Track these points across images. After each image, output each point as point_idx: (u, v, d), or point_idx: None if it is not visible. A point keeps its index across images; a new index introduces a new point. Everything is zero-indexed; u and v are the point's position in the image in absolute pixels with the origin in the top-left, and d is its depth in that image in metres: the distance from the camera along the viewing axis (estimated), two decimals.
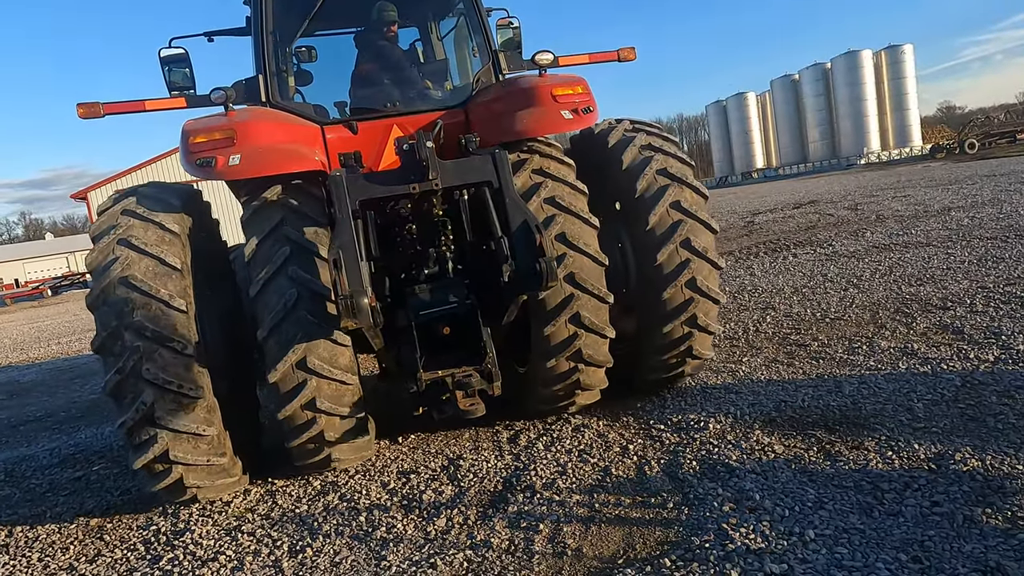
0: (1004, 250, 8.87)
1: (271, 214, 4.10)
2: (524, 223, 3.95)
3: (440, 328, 4.30)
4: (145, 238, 3.93)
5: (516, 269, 3.89)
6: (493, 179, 4.10)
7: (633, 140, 4.82)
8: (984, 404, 4.23)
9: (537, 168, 4.51)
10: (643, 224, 4.58)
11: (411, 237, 4.73)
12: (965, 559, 2.76)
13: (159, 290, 3.82)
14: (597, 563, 3.16)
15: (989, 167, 25.38)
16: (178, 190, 4.41)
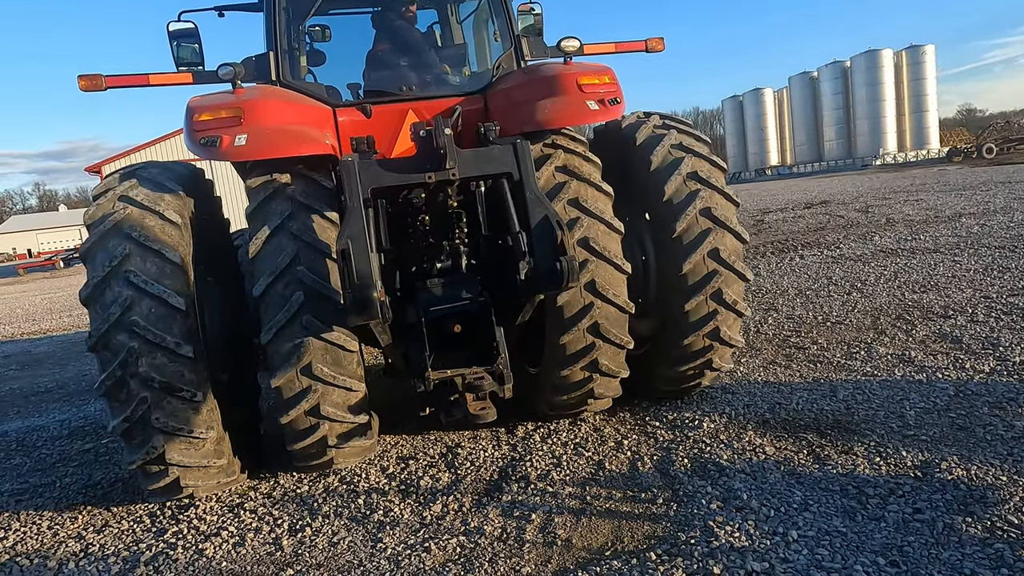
0: (1011, 260, 8.87)
1: (277, 207, 3.90)
2: (545, 218, 3.77)
3: (451, 326, 4.11)
4: (143, 229, 3.72)
5: (534, 267, 3.72)
6: (514, 171, 3.91)
7: (663, 139, 4.57)
8: (975, 414, 4.30)
9: (561, 166, 4.30)
10: (669, 230, 4.38)
11: (424, 229, 4.52)
12: (941, 565, 2.84)
13: (157, 286, 3.63)
14: (585, 554, 3.26)
15: (1006, 173, 25.16)
16: (179, 172, 4.19)
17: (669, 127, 4.72)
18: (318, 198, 4.00)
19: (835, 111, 61.89)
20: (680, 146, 4.56)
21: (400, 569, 3.28)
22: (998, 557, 2.85)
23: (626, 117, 4.87)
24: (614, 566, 3.09)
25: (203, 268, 4.24)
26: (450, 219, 4.39)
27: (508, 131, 4.33)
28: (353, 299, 3.33)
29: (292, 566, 3.43)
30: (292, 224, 3.85)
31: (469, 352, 4.13)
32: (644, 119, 4.82)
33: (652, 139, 4.60)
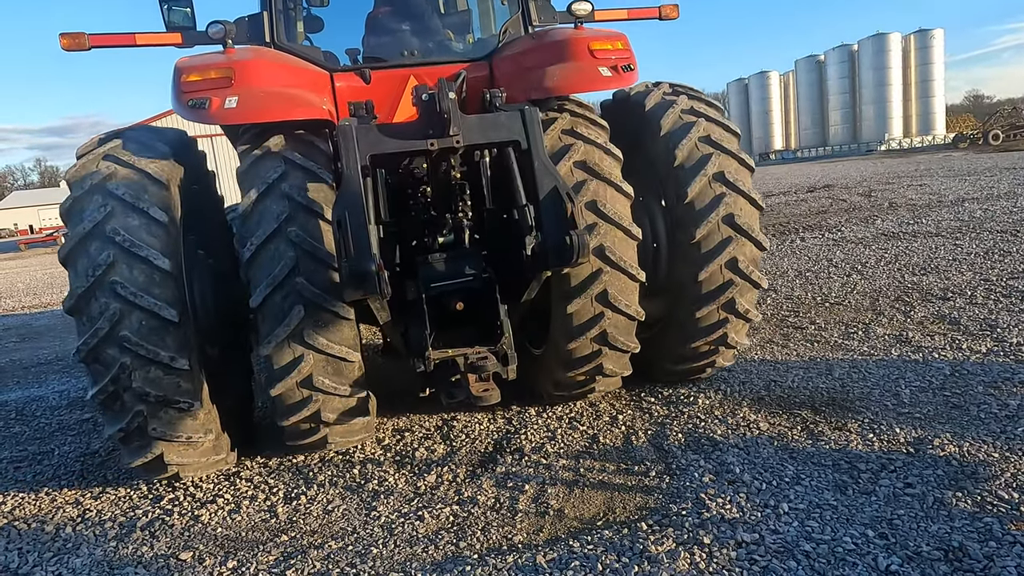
0: (1012, 244, 8.83)
1: (270, 167, 3.69)
2: (554, 190, 3.56)
3: (453, 303, 3.90)
4: (129, 187, 3.51)
5: (542, 242, 3.54)
6: (521, 139, 3.68)
7: (674, 103, 4.37)
8: (970, 393, 4.30)
9: (567, 128, 4.09)
10: (681, 196, 4.17)
11: (425, 200, 4.31)
12: (930, 538, 2.86)
13: (142, 246, 3.41)
14: (577, 523, 3.28)
15: (1011, 160, 24.99)
16: (169, 136, 4.00)
17: (679, 93, 4.51)
18: (313, 160, 3.78)
19: (841, 95, 61.38)
20: (692, 111, 4.35)
21: (393, 536, 3.30)
22: (987, 530, 2.86)
23: (634, 87, 4.64)
24: (605, 536, 3.11)
25: (194, 239, 4.11)
26: (453, 190, 4.16)
27: (515, 98, 4.14)
28: (349, 272, 3.14)
29: (286, 532, 3.46)
30: (285, 183, 3.65)
31: (471, 331, 3.98)
32: (652, 87, 4.59)
33: (662, 104, 4.40)
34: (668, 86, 4.64)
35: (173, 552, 3.36)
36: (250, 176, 3.71)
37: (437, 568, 2.99)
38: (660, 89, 4.58)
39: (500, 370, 3.78)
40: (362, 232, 3.25)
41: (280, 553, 3.25)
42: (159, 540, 3.49)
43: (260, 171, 3.70)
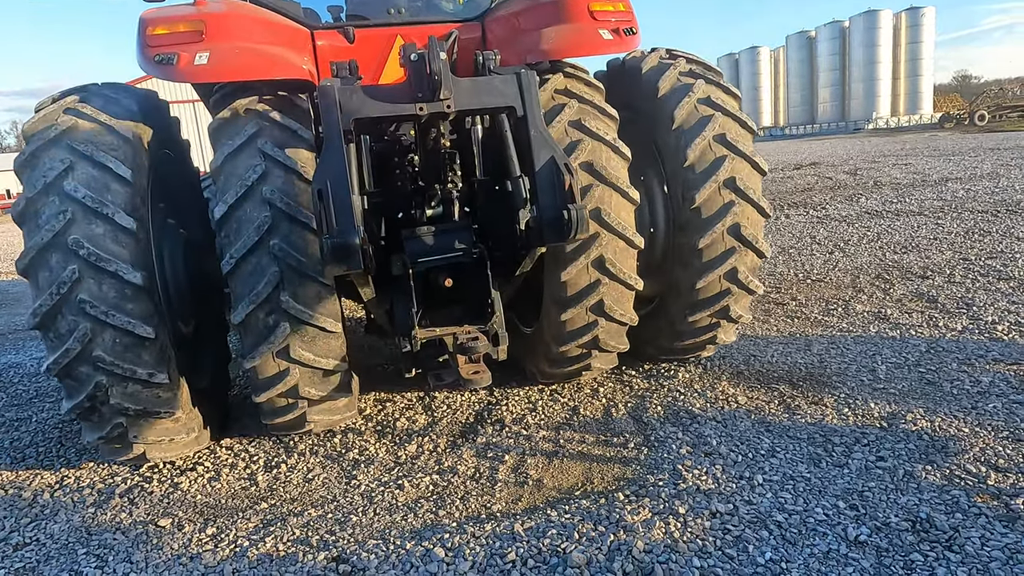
0: (992, 224, 8.93)
1: (245, 124, 3.46)
2: (551, 161, 3.33)
3: (441, 279, 3.74)
4: (89, 141, 3.25)
5: (537, 216, 3.32)
6: (517, 105, 3.43)
7: (671, 66, 4.19)
8: (944, 370, 4.38)
9: (561, 88, 3.90)
10: (680, 159, 3.97)
11: (412, 170, 4.10)
12: (899, 509, 2.93)
13: (103, 203, 3.15)
14: (555, 493, 3.32)
15: (995, 140, 25.16)
16: (137, 93, 3.75)
17: (676, 56, 4.31)
18: (292, 123, 3.53)
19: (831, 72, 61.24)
20: (690, 72, 4.15)
21: (373, 504, 3.33)
22: (954, 503, 2.93)
23: (647, 57, 4.41)
24: (583, 505, 3.16)
25: (164, 208, 3.92)
26: (442, 159, 3.93)
27: (509, 61, 3.90)
28: (332, 246, 2.89)
29: (266, 500, 3.47)
30: (260, 140, 3.42)
31: (460, 309, 3.82)
32: (647, 53, 4.39)
33: (659, 67, 4.21)
34: (664, 51, 4.44)
35: (152, 518, 3.36)
36: (223, 133, 3.48)
37: (416, 536, 3.02)
38: (656, 54, 4.36)
39: (490, 351, 3.59)
40: (345, 203, 3.00)
41: (260, 520, 3.27)
42: (138, 507, 3.49)
43: (234, 128, 3.47)
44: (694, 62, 4.29)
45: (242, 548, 3.03)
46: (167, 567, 2.95)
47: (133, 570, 2.96)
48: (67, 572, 2.99)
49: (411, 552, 2.90)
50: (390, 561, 2.85)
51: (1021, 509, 2.85)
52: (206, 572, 2.89)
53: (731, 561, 2.69)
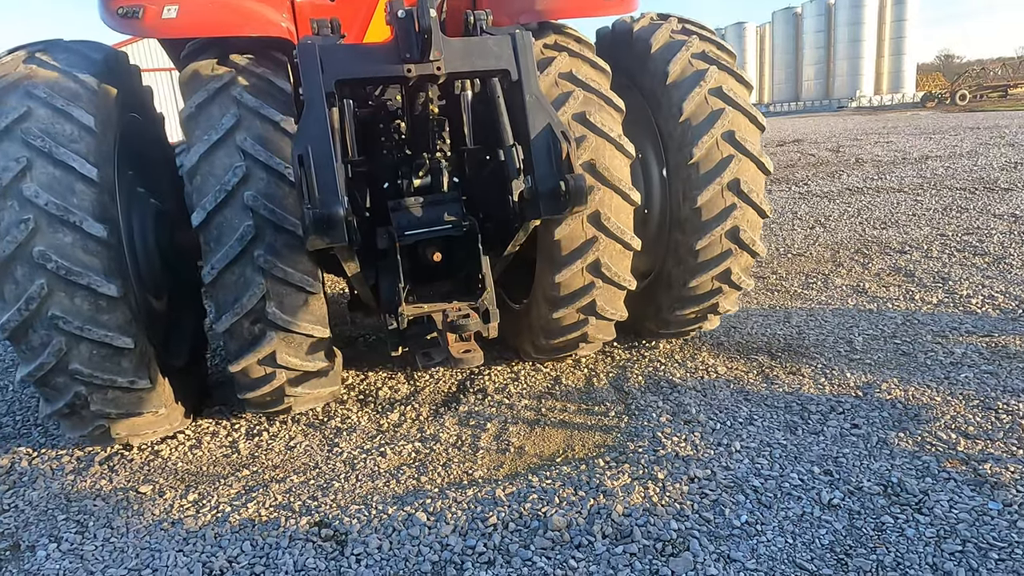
0: (970, 200, 9.05)
1: (218, 75, 3.24)
2: (548, 128, 3.17)
3: (429, 253, 3.55)
4: (50, 89, 3.04)
5: (532, 187, 3.16)
6: (511, 68, 3.24)
7: (683, 46, 3.91)
8: (919, 341, 4.46)
9: (565, 71, 3.65)
10: (684, 155, 3.79)
11: (399, 137, 3.88)
12: (871, 474, 3.00)
13: (62, 151, 2.93)
14: (537, 460, 3.36)
15: (975, 119, 25.38)
16: (105, 49, 3.52)
17: (689, 32, 4.06)
18: (269, 83, 3.29)
19: (816, 50, 61.14)
20: (703, 56, 3.92)
21: (355, 471, 3.34)
22: (924, 467, 3.01)
23: (638, 19, 4.25)
24: (564, 471, 3.20)
25: (133, 175, 3.71)
26: (430, 126, 3.74)
27: (501, 22, 3.71)
28: (314, 217, 2.70)
29: (248, 467, 3.47)
30: (235, 89, 3.19)
31: (450, 285, 3.67)
32: (658, 21, 4.16)
33: (671, 46, 3.96)
34: (677, 21, 4.16)
35: (132, 485, 3.35)
36: (193, 85, 3.25)
37: (398, 501, 3.05)
38: (668, 25, 4.08)
39: (481, 328, 3.41)
40: (328, 170, 2.82)
41: (241, 486, 3.27)
42: (118, 474, 3.48)
43: (206, 79, 3.25)
44: (707, 40, 4.03)
45: (224, 513, 3.04)
46: (148, 532, 2.95)
47: (114, 535, 2.95)
48: (47, 537, 2.98)
49: (393, 517, 2.92)
50: (372, 526, 2.88)
51: (988, 474, 2.93)
52: (188, 537, 2.89)
53: (708, 524, 2.74)
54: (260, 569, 2.67)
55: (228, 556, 2.75)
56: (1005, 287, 5.41)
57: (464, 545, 2.72)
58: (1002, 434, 3.25)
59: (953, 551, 2.49)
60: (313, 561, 2.69)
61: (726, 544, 2.62)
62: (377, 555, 2.70)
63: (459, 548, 2.70)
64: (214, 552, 2.78)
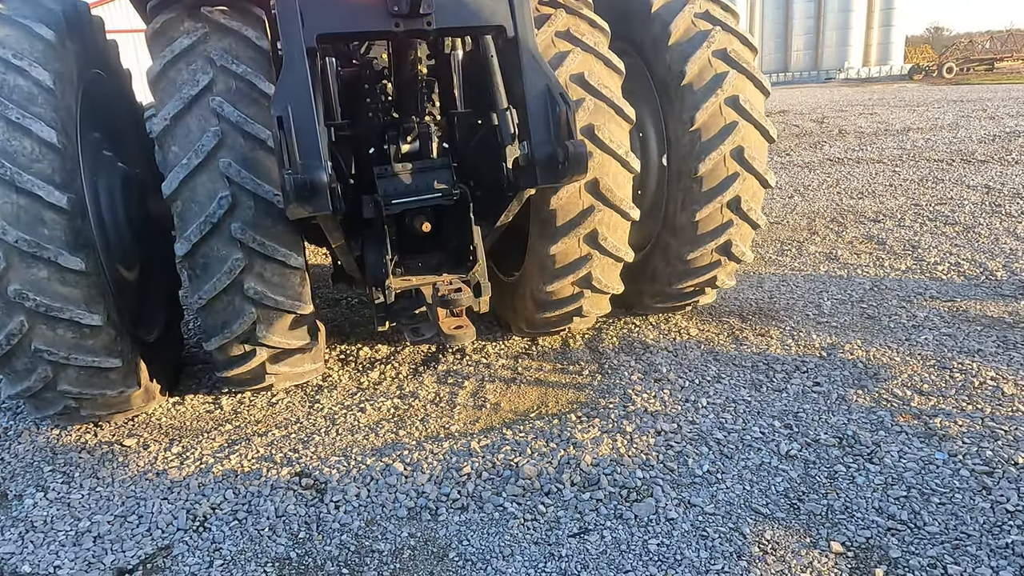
0: (946, 172, 9.20)
1: (188, 29, 2.98)
2: (545, 91, 2.97)
3: (418, 223, 3.38)
4: (1, 43, 2.81)
5: (529, 153, 2.99)
6: (507, 24, 3.03)
7: (686, 5, 3.73)
8: (884, 305, 4.62)
9: (563, 30, 3.46)
10: (685, 121, 3.63)
11: (386, 99, 3.67)
12: (828, 428, 3.15)
13: (15, 112, 2.70)
14: (511, 415, 3.48)
15: (959, 92, 25.50)
16: (65, 1, 3.26)
17: (713, 21, 3.78)
18: (246, 36, 3.03)
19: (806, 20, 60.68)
20: (707, 16, 3.75)
21: (335, 426, 3.45)
22: (878, 422, 3.17)
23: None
24: (537, 425, 3.32)
25: (98, 138, 3.52)
26: (419, 88, 3.54)
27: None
28: (295, 183, 2.51)
29: (230, 422, 3.56)
30: (207, 46, 2.96)
31: (439, 256, 3.51)
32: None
33: (673, 5, 3.78)
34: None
35: (117, 439, 3.44)
36: (160, 41, 3.01)
37: (376, 453, 3.16)
38: (691, 5, 3.79)
39: (472, 303, 3.25)
40: (309, 133, 2.63)
41: (224, 440, 3.37)
42: (103, 429, 3.56)
43: (175, 34, 3.01)
44: (712, 0, 3.83)
45: (207, 465, 3.14)
46: (133, 482, 3.05)
47: (100, 484, 3.05)
48: (34, 487, 3.07)
49: (371, 467, 3.04)
50: (351, 475, 2.99)
51: (938, 427, 3.09)
52: (172, 486, 2.99)
53: (671, 473, 2.89)
54: (243, 515, 2.79)
55: (211, 503, 2.86)
56: (971, 255, 5.57)
57: (439, 492, 2.85)
58: (954, 391, 3.41)
59: (898, 496, 2.65)
60: (294, 507, 2.81)
61: (687, 491, 2.77)
62: (355, 502, 2.82)
63: (434, 495, 2.83)
64: (198, 500, 2.88)
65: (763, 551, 2.42)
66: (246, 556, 2.56)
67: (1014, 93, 21.59)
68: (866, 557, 2.37)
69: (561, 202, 3.41)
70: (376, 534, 2.64)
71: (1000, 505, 2.56)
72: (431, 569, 2.45)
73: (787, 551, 2.41)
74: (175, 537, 2.69)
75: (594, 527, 2.59)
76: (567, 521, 2.63)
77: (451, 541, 2.58)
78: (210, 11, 3.05)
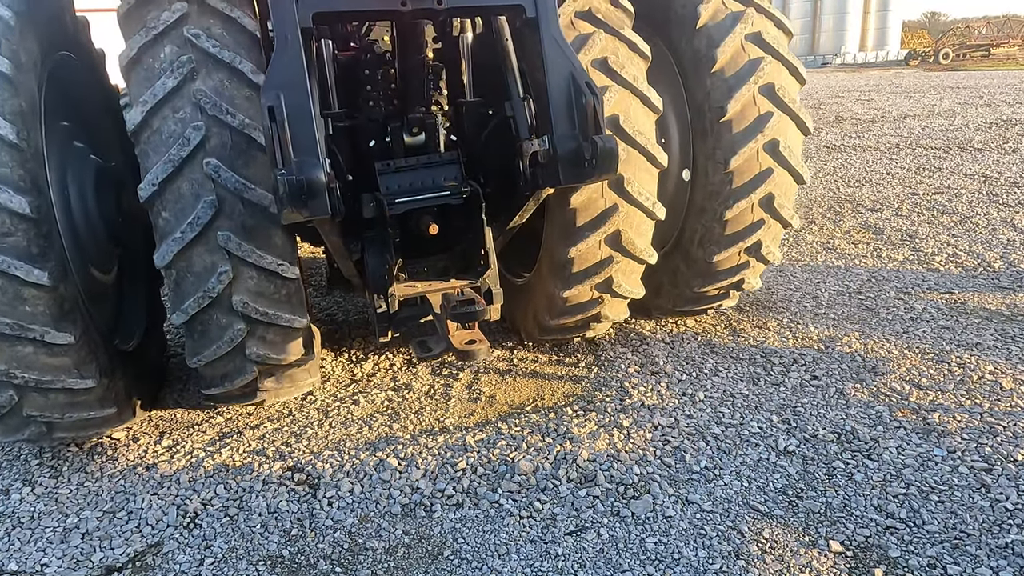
0: (944, 160, 9.16)
1: (166, 8, 2.63)
2: (569, 78, 2.68)
3: (424, 224, 3.04)
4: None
5: (550, 149, 2.69)
6: (527, 4, 2.73)
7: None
8: (882, 297, 4.59)
9: (583, 10, 3.19)
10: (715, 111, 3.38)
11: (388, 86, 3.36)
12: (827, 423, 3.13)
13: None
14: (507, 408, 3.44)
15: (956, 79, 25.43)
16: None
17: (745, 2, 3.53)
18: (232, 32, 2.70)
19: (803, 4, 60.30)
20: (758, 39, 3.44)
21: (328, 419, 3.40)
22: (877, 417, 3.15)
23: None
24: (532, 419, 3.29)
25: (67, 128, 3.21)
26: (425, 74, 3.27)
27: None
28: (289, 184, 2.21)
29: (222, 415, 3.51)
30: (188, 28, 2.64)
31: (446, 260, 3.25)
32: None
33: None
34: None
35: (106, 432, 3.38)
36: (133, 19, 2.67)
37: (370, 447, 3.12)
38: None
39: (487, 314, 2.97)
40: (305, 125, 2.35)
41: (216, 433, 3.32)
42: None
43: (151, 10, 2.66)
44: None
45: (198, 459, 3.10)
46: (123, 476, 3.00)
47: (88, 479, 3.00)
48: (20, 481, 3.02)
49: (365, 462, 3.00)
50: (344, 470, 2.95)
51: (936, 423, 3.07)
52: (162, 481, 2.95)
53: (668, 469, 2.86)
54: (234, 512, 2.74)
55: (202, 499, 2.82)
56: (969, 246, 5.54)
57: (434, 488, 2.81)
58: (952, 386, 3.39)
59: (897, 494, 2.63)
60: (286, 504, 2.76)
61: (685, 487, 2.74)
62: (349, 498, 2.78)
63: (429, 491, 2.79)
64: (188, 495, 2.84)
65: (761, 550, 2.39)
66: (237, 554, 2.53)
67: (1010, 80, 21.53)
68: (865, 557, 2.35)
69: (581, 200, 3.14)
70: (370, 531, 2.61)
71: (999, 503, 2.54)
72: (426, 568, 2.42)
73: (786, 550, 2.39)
74: (165, 534, 2.65)
75: (591, 525, 2.56)
76: (563, 519, 2.60)
77: (446, 539, 2.55)
78: (190, 17, 2.66)
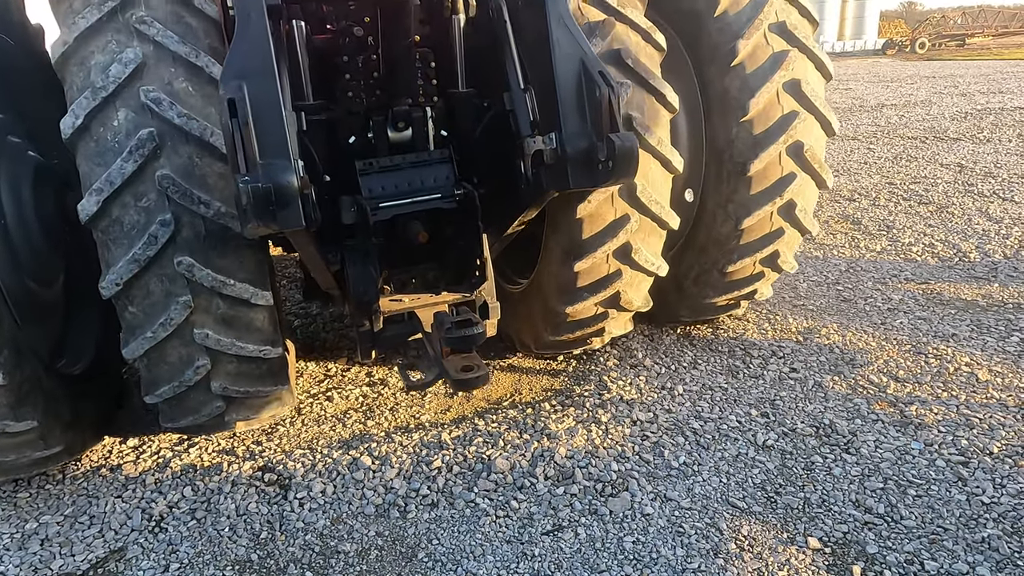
0: (920, 150, 9.23)
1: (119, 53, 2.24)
2: (580, 67, 2.32)
3: (412, 231, 2.73)
4: None
5: (558, 148, 2.34)
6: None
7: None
8: (860, 288, 4.59)
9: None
10: (735, 110, 3.09)
11: (371, 75, 2.90)
12: (805, 416, 3.11)
13: None
14: (484, 403, 3.39)
15: (932, 68, 25.70)
16: None
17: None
18: (186, 18, 2.34)
19: None
20: (782, 29, 3.14)
21: (301, 416, 3.32)
22: (855, 410, 3.14)
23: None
24: (510, 415, 3.23)
25: (3, 120, 2.84)
26: (412, 60, 2.84)
27: None
28: (254, 193, 1.83)
29: None
30: (135, 12, 2.26)
31: (436, 270, 2.93)
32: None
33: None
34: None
35: None
36: (81, 57, 2.29)
37: (343, 445, 3.05)
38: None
39: (486, 335, 2.67)
40: (273, 120, 1.95)
41: None
42: None
43: (100, 53, 2.28)
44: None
45: (165, 459, 3.00)
46: (85, 478, 2.90)
47: (48, 482, 2.89)
48: None
49: (338, 461, 2.92)
50: (316, 470, 2.88)
51: (914, 415, 3.07)
52: (126, 483, 2.85)
53: (647, 465, 2.82)
54: (201, 514, 2.66)
55: (168, 501, 2.73)
56: (945, 236, 5.57)
57: (408, 488, 2.75)
58: (929, 377, 3.40)
59: (875, 488, 2.62)
60: (256, 506, 2.69)
61: (663, 484, 2.71)
62: (321, 499, 2.71)
63: (403, 491, 2.73)
64: (154, 498, 2.75)
65: (740, 548, 2.37)
66: (204, 559, 2.45)
67: (984, 70, 21.80)
68: (843, 553, 2.33)
69: (589, 211, 2.81)
70: (342, 533, 2.54)
71: (976, 497, 2.54)
72: (399, 571, 2.36)
73: (764, 548, 2.36)
74: (129, 539, 2.56)
75: (568, 524, 2.52)
76: (540, 518, 2.56)
77: (420, 540, 2.49)
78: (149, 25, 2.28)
